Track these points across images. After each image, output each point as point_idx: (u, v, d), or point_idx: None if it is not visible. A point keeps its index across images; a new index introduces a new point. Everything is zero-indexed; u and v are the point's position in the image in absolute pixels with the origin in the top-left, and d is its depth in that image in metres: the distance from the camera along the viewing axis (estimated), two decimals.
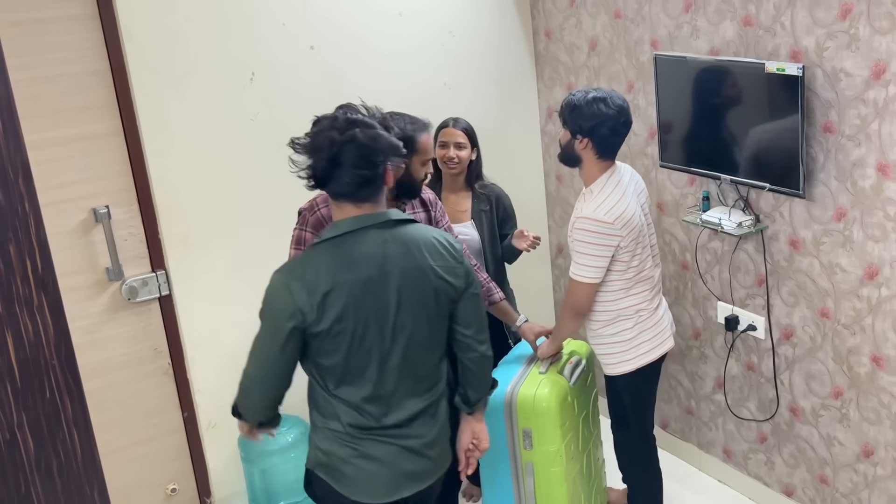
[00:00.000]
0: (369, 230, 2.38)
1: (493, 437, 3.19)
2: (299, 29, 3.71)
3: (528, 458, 3.23)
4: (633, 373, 3.21)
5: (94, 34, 3.33)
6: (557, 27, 4.17)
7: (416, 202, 3.13)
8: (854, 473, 3.35)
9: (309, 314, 2.32)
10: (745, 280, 3.57)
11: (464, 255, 2.57)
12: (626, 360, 3.19)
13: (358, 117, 2.39)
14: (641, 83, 3.79)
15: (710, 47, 3.43)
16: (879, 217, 3.01)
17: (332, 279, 2.33)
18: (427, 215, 3.16)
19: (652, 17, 3.65)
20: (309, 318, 2.32)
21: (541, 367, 3.29)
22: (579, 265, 3.06)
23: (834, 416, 3.36)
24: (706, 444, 4.01)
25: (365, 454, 2.46)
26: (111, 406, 3.55)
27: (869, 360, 3.17)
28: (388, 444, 2.47)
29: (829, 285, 3.24)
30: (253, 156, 3.67)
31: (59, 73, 3.28)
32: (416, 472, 2.52)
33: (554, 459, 3.21)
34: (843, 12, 2.94)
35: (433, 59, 4.07)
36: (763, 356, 3.59)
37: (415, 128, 2.97)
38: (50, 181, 3.21)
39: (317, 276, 2.33)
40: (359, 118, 2.38)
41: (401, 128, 2.92)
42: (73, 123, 3.33)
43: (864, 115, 2.96)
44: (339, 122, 2.36)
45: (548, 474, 3.23)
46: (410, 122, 2.98)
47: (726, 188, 3.50)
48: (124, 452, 3.63)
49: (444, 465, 2.63)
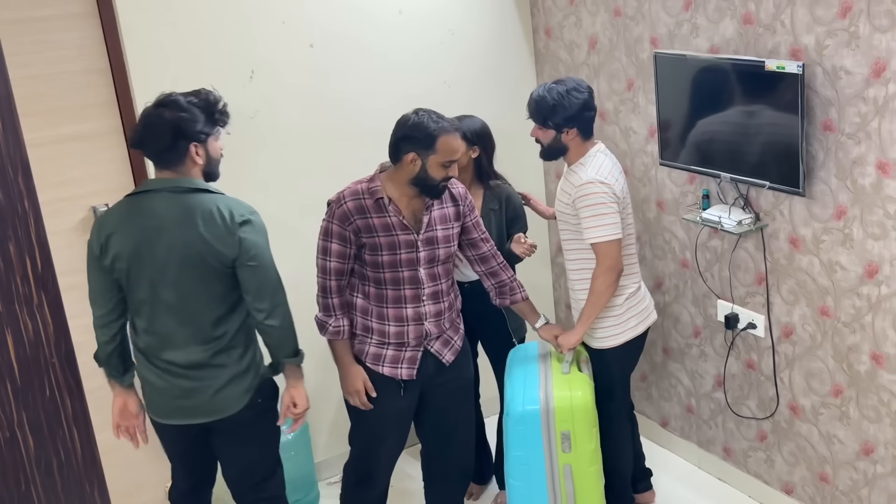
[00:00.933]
0: (163, 192, 2.77)
1: (529, 445, 3.20)
2: (299, 27, 3.71)
3: (565, 462, 3.24)
4: (622, 345, 3.34)
5: (93, 32, 3.32)
6: (557, 25, 4.17)
7: (445, 196, 3.14)
8: (854, 471, 3.35)
9: (95, 248, 2.80)
10: (745, 278, 3.57)
11: (248, 228, 2.79)
12: (617, 333, 3.33)
13: (175, 99, 2.75)
14: (641, 81, 3.78)
15: (710, 45, 3.43)
16: (879, 215, 3.01)
17: (116, 225, 2.78)
18: (456, 210, 3.17)
19: (652, 14, 3.65)
20: (95, 252, 2.81)
21: (563, 368, 3.31)
22: (601, 226, 3.18)
23: (834, 414, 3.36)
24: (706, 442, 4.01)
25: (145, 378, 2.94)
26: (111, 404, 3.54)
27: (869, 359, 3.17)
28: (162, 377, 2.89)
29: (828, 283, 3.24)
30: (253, 153, 3.66)
31: (58, 71, 3.28)
32: (185, 407, 2.90)
33: (592, 458, 3.26)
34: (843, 10, 2.94)
35: (433, 58, 4.07)
36: (763, 354, 3.59)
37: (437, 127, 2.97)
38: (50, 179, 3.21)
39: (108, 220, 2.81)
40: (175, 100, 2.75)
41: (420, 122, 2.96)
42: (73, 121, 3.33)
43: (863, 113, 2.96)
44: (158, 101, 2.78)
45: (586, 474, 3.26)
46: (435, 120, 2.99)
47: (726, 186, 3.50)
48: (124, 451, 3.62)
49: (219, 413, 2.91)
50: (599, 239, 3.18)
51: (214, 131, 2.83)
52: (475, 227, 3.24)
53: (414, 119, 2.99)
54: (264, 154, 3.70)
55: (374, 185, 3.05)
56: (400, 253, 3.05)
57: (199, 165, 2.81)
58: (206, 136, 2.79)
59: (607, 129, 4.02)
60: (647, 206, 3.92)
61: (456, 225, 3.18)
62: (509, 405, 3.26)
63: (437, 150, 2.97)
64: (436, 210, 3.11)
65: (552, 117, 3.20)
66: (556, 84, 3.22)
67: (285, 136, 3.78)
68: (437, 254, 3.12)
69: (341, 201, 3.04)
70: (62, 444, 1.79)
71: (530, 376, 3.32)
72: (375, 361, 3.13)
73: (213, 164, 2.86)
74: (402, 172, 3.02)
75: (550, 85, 3.22)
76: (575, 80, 3.24)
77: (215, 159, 2.86)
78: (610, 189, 3.18)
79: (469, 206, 3.22)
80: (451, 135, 3.00)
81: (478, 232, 3.25)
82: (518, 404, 3.22)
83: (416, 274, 3.09)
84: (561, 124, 3.20)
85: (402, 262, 3.06)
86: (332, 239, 3.03)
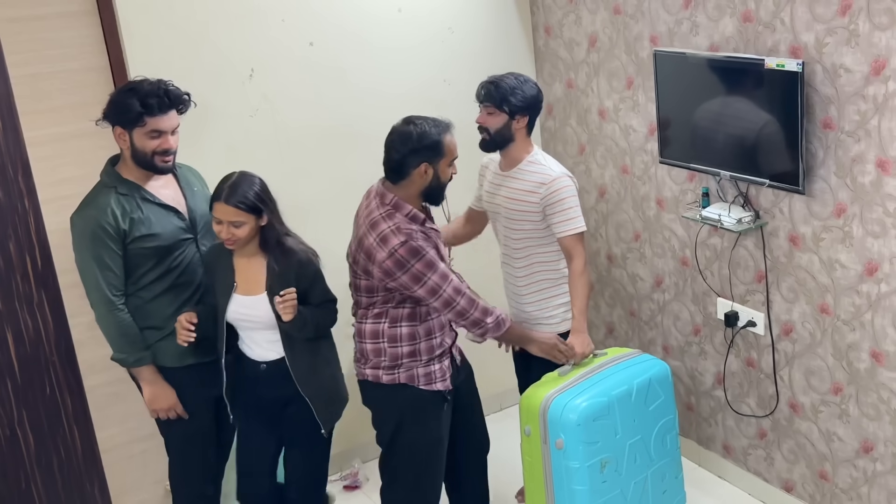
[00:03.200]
0: None
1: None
2: (299, 25, 3.71)
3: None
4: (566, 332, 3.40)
5: (93, 30, 3.32)
6: (557, 23, 4.16)
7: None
8: (854, 469, 3.35)
9: None
10: (744, 276, 3.58)
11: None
12: (568, 318, 3.39)
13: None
14: (641, 79, 3.78)
15: (710, 43, 3.43)
16: (879, 213, 3.01)
17: None
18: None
19: (651, 13, 3.65)
20: None
21: (564, 370, 3.23)
22: (576, 218, 3.26)
23: (833, 411, 3.37)
24: (706, 439, 4.01)
25: None
26: (111, 402, 3.55)
27: (868, 356, 3.18)
28: None
29: (828, 281, 3.24)
30: (253, 151, 3.66)
31: (58, 69, 3.28)
32: None
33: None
34: (842, 8, 2.94)
35: (432, 56, 4.07)
36: (763, 352, 3.59)
37: (438, 130, 2.95)
38: (50, 178, 3.21)
39: None
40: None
41: (423, 131, 2.92)
42: (73, 120, 3.33)
43: (863, 111, 2.96)
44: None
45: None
46: (433, 125, 2.96)
47: (726, 184, 3.50)
48: (124, 449, 3.63)
49: None
50: (577, 230, 3.24)
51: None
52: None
53: (416, 131, 2.94)
54: (264, 152, 3.70)
55: (410, 211, 2.98)
56: (448, 260, 3.12)
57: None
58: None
59: (607, 127, 4.02)
60: (647, 203, 3.92)
61: None
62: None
63: (445, 153, 2.97)
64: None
65: (509, 100, 3.22)
66: (511, 75, 3.29)
67: (285, 135, 3.78)
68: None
69: (413, 235, 2.92)
70: (62, 442, 1.79)
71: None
72: (429, 381, 3.08)
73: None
74: (414, 186, 2.98)
75: (503, 75, 3.28)
76: (524, 76, 3.31)
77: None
78: (575, 182, 3.31)
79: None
80: (451, 133, 3.01)
81: None
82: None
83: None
84: (516, 109, 3.23)
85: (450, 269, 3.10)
86: (437, 263, 2.94)
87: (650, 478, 3.29)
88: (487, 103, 3.27)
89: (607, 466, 3.13)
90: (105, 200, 2.99)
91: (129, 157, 3.02)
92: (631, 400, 3.19)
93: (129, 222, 2.98)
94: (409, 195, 2.99)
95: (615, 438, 3.15)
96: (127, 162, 3.04)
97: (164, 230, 3.05)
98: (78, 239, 3.02)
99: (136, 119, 2.93)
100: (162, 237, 3.04)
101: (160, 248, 3.04)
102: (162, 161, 3.01)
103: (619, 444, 3.17)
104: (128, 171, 3.05)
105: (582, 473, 3.08)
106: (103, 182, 3.06)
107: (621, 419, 3.15)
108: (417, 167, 2.94)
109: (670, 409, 3.33)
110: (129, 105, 2.93)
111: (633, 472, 3.22)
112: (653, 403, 3.26)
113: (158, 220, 3.04)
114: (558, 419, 3.06)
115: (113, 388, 3.54)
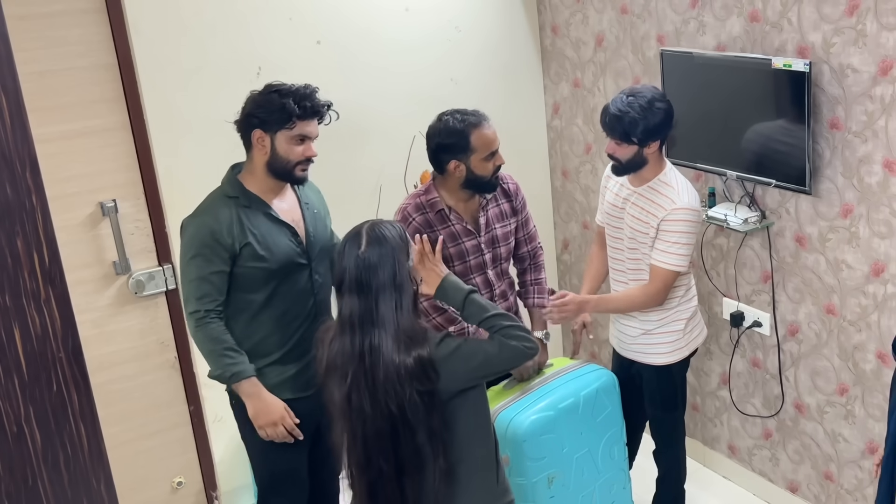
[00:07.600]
0: None
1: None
2: (306, 24, 3.72)
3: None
4: (685, 359, 3.31)
5: (101, 28, 3.33)
6: (564, 22, 4.16)
7: (498, 193, 3.11)
8: (859, 470, 3.35)
9: None
10: (750, 276, 3.57)
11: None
12: (681, 347, 3.26)
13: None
14: (648, 79, 3.78)
15: (717, 43, 3.42)
16: (886, 213, 3.00)
17: None
18: (510, 205, 3.17)
19: (658, 12, 3.65)
20: None
21: (509, 384, 3.17)
22: (679, 255, 3.05)
23: (839, 412, 3.36)
24: (711, 440, 4.01)
25: None
26: (118, 399, 3.56)
27: (874, 357, 3.17)
28: None
29: (834, 282, 3.24)
30: None
31: (66, 66, 3.29)
32: None
33: None
34: (850, 8, 2.93)
35: (439, 55, 4.07)
36: (768, 352, 3.59)
37: (465, 126, 2.90)
38: (57, 175, 3.23)
39: None
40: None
41: (446, 128, 2.89)
42: (81, 117, 3.34)
43: (870, 112, 2.96)
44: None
45: None
46: (460, 120, 2.91)
47: (732, 184, 3.49)
48: (131, 446, 3.64)
49: None
50: (672, 267, 3.05)
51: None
52: (523, 225, 3.22)
53: (440, 127, 2.92)
54: None
55: (433, 197, 3.00)
56: (469, 260, 3.04)
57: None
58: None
59: None
60: None
61: (513, 221, 3.17)
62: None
63: (475, 149, 2.91)
64: (491, 209, 3.10)
65: (634, 132, 2.96)
66: (634, 96, 2.96)
67: None
68: (500, 252, 3.12)
69: (408, 219, 2.95)
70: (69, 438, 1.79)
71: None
72: None
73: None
74: (451, 179, 2.99)
75: (627, 98, 2.96)
76: (651, 89, 3.02)
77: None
78: (700, 218, 3.11)
79: (521, 202, 3.19)
80: (481, 127, 2.92)
81: (524, 231, 3.24)
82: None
83: (486, 277, 3.09)
84: (644, 139, 2.97)
85: (473, 269, 3.05)
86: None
87: (597, 490, 3.23)
88: (611, 136, 3.05)
89: (555, 481, 3.06)
90: (225, 212, 2.75)
91: (265, 164, 2.77)
92: (578, 412, 3.11)
93: (244, 239, 2.74)
94: (450, 188, 3.01)
95: (562, 453, 3.08)
96: (256, 172, 2.80)
97: (279, 250, 2.80)
98: (185, 245, 2.78)
99: (286, 120, 2.71)
100: (274, 258, 2.79)
101: (270, 270, 2.78)
102: (301, 170, 2.79)
103: (567, 458, 3.10)
104: (253, 183, 2.80)
105: (529, 490, 3.02)
106: (224, 191, 2.81)
107: (568, 433, 3.08)
108: (448, 162, 2.94)
109: (617, 420, 3.26)
110: (282, 104, 2.70)
111: (580, 485, 3.16)
112: (600, 415, 3.19)
113: (274, 239, 2.79)
114: (503, 436, 2.95)
115: (119, 385, 3.56)
